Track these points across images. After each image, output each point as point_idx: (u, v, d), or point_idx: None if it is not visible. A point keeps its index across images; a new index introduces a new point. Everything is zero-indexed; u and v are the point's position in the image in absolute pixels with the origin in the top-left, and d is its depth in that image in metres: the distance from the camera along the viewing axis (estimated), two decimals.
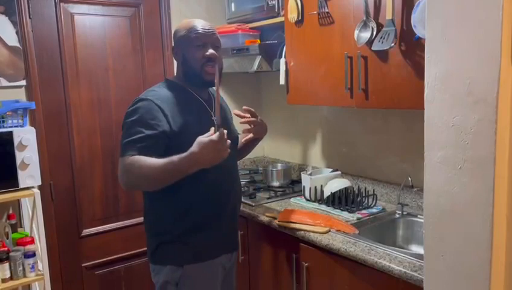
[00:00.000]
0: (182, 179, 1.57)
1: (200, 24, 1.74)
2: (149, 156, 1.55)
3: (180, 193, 1.66)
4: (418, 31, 1.65)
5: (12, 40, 2.24)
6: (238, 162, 2.00)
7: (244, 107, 1.87)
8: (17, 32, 2.25)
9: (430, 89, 1.18)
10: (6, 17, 2.22)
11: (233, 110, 1.92)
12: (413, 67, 1.74)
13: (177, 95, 1.72)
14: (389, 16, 1.76)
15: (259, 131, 1.91)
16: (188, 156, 1.50)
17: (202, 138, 1.51)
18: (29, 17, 2.29)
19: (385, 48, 1.77)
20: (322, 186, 2.30)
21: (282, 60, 2.34)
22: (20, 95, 2.29)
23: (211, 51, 1.71)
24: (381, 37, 1.78)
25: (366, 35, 1.86)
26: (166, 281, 1.71)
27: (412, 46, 1.73)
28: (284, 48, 2.34)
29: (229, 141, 1.55)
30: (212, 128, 1.55)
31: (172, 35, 1.78)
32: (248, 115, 1.86)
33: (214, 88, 1.69)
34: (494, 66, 1.03)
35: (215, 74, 1.68)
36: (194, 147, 1.50)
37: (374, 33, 1.83)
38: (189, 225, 1.69)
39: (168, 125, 1.61)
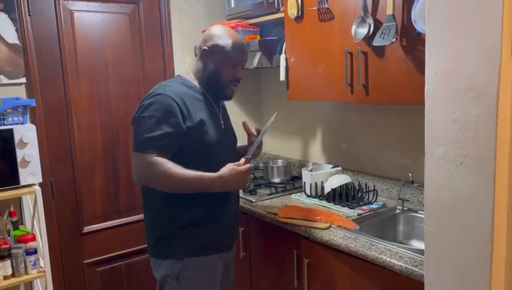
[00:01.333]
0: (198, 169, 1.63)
1: (241, 42, 1.78)
2: (167, 155, 1.60)
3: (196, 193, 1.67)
4: (419, 27, 1.65)
5: (12, 37, 2.24)
6: None
7: (255, 127, 1.96)
8: (16, 30, 2.24)
9: (430, 84, 1.18)
10: (6, 15, 2.21)
11: (241, 117, 2.00)
12: (413, 62, 1.73)
13: (192, 94, 1.73)
14: (389, 11, 1.75)
15: (256, 154, 1.94)
16: (218, 179, 1.61)
17: (233, 166, 1.63)
18: (29, 15, 2.29)
19: (386, 44, 1.77)
20: (322, 182, 2.30)
21: (282, 56, 2.33)
22: (20, 93, 2.29)
23: (241, 73, 1.78)
24: (382, 33, 1.78)
25: (363, 31, 1.86)
26: (166, 274, 1.73)
27: (412, 42, 1.73)
28: (284, 44, 2.34)
29: (251, 175, 1.71)
30: (243, 159, 1.69)
31: (206, 37, 1.78)
32: (255, 134, 1.94)
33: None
34: (494, 61, 1.03)
35: (235, 92, 1.81)
36: (225, 172, 1.61)
37: (371, 29, 1.83)
38: (191, 219, 1.70)
39: (183, 123, 1.64)
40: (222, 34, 1.76)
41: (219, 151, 1.75)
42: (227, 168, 1.62)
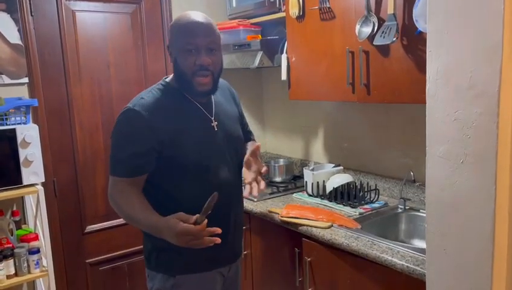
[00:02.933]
0: (180, 185, 1.52)
1: (194, 20, 1.51)
2: (139, 177, 1.50)
3: (177, 200, 1.53)
4: (420, 25, 1.65)
5: (14, 37, 2.24)
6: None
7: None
8: (19, 30, 2.25)
9: (431, 83, 1.18)
10: (8, 15, 2.22)
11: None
12: (414, 61, 1.73)
13: (170, 100, 1.55)
14: (390, 11, 1.75)
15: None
16: (159, 228, 1.39)
17: (174, 222, 1.35)
18: (31, 15, 2.29)
19: (387, 43, 1.77)
20: (324, 181, 2.30)
21: (284, 56, 2.33)
22: (23, 93, 2.30)
23: (203, 58, 1.49)
24: (382, 32, 1.78)
25: (367, 30, 1.85)
26: (158, 288, 1.61)
27: (413, 41, 1.73)
28: (286, 43, 2.34)
29: (207, 238, 1.35)
30: (195, 217, 1.35)
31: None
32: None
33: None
34: (495, 60, 1.03)
35: (208, 83, 1.53)
36: (164, 226, 1.37)
37: (375, 28, 1.83)
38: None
39: (157, 138, 1.48)
40: (175, 21, 1.55)
41: (209, 159, 1.55)
42: (168, 223, 1.36)
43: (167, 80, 1.63)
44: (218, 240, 1.37)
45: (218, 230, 1.38)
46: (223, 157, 1.61)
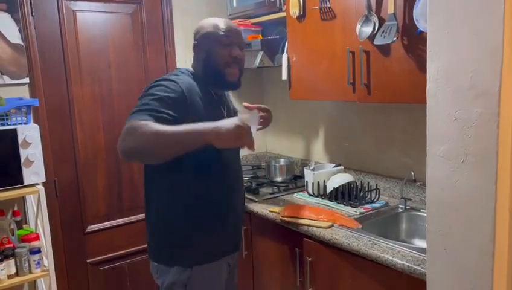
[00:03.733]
0: (189, 179, 1.56)
1: (228, 23, 1.69)
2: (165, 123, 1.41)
3: (189, 192, 1.61)
4: (420, 25, 1.65)
5: (15, 37, 2.25)
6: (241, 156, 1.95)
7: (244, 104, 1.80)
8: (19, 30, 2.25)
9: (432, 83, 1.18)
10: (9, 15, 2.22)
11: (239, 105, 1.88)
12: (415, 61, 1.73)
13: (199, 87, 1.63)
14: (391, 10, 1.75)
15: (268, 118, 1.85)
16: (214, 128, 1.34)
17: (238, 121, 1.36)
18: (32, 15, 2.29)
19: (387, 43, 1.77)
20: (324, 181, 2.30)
21: (284, 56, 2.34)
22: (24, 93, 2.30)
23: (237, 51, 1.67)
24: (383, 32, 1.78)
25: (368, 29, 1.85)
26: (173, 282, 1.65)
27: (414, 40, 1.73)
28: (286, 43, 2.34)
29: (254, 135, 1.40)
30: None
31: (194, 32, 1.73)
32: (254, 106, 1.79)
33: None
34: (496, 59, 1.03)
35: (236, 75, 1.67)
36: (225, 122, 1.35)
37: (376, 28, 1.83)
38: (198, 226, 1.64)
39: (186, 116, 1.46)
40: (204, 24, 1.71)
41: (220, 152, 1.55)
42: (224, 120, 1.38)
43: (183, 69, 1.70)
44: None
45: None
46: (230, 150, 1.69)
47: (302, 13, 2.19)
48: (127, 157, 1.42)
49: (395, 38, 1.75)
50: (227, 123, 1.35)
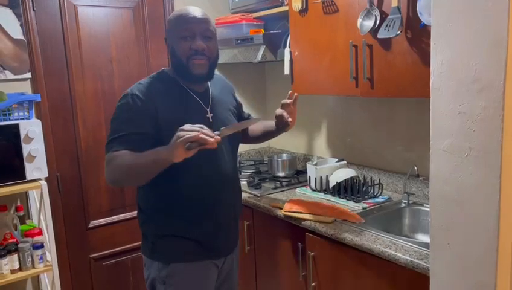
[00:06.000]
0: (175, 175, 1.52)
1: (190, 12, 1.59)
2: (134, 149, 1.47)
3: (174, 190, 1.58)
4: (424, 18, 1.63)
5: (17, 32, 2.24)
6: (241, 155, 1.93)
7: (295, 94, 1.84)
8: (21, 25, 2.25)
9: (436, 77, 1.17)
10: (10, 10, 2.22)
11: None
12: (418, 55, 1.72)
13: (168, 88, 1.59)
14: (394, 4, 1.74)
15: (292, 124, 1.81)
16: (165, 150, 1.40)
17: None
18: (33, 10, 2.29)
19: (391, 36, 1.76)
20: (327, 176, 2.30)
21: (287, 50, 2.32)
22: (26, 88, 2.30)
23: (198, 42, 1.56)
24: (387, 25, 1.77)
25: (369, 23, 1.84)
26: (154, 277, 1.64)
27: (417, 34, 1.72)
28: (288, 37, 2.33)
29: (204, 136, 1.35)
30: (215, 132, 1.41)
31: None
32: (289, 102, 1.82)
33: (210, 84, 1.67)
34: (500, 53, 1.02)
35: (204, 66, 1.58)
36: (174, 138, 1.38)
37: (377, 21, 1.82)
38: (181, 222, 1.60)
39: (153, 121, 1.51)
40: (172, 14, 1.65)
41: (203, 150, 1.42)
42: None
43: (165, 69, 1.69)
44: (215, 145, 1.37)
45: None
46: (218, 149, 1.53)
47: (304, 7, 2.17)
48: (114, 186, 1.61)
49: (398, 32, 1.73)
50: (172, 140, 1.37)
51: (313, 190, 2.34)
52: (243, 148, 2.99)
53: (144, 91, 1.56)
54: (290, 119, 1.78)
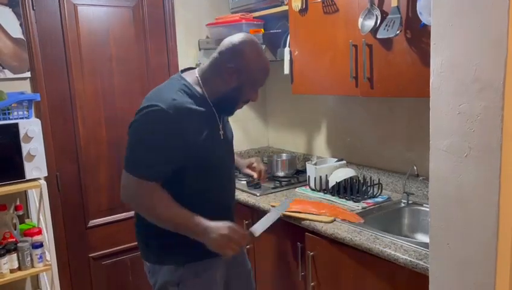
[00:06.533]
0: (183, 178, 1.54)
1: (267, 65, 1.61)
2: (160, 182, 1.49)
3: (188, 194, 1.58)
4: (424, 18, 1.63)
5: (16, 31, 2.24)
6: (241, 154, 1.99)
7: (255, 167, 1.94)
8: (20, 24, 2.25)
9: (435, 77, 1.17)
10: (10, 9, 2.21)
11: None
12: (418, 54, 1.72)
13: (197, 106, 1.55)
14: (394, 3, 1.74)
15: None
16: (203, 231, 1.46)
17: (230, 227, 1.48)
18: (33, 9, 2.29)
19: (391, 36, 1.76)
20: (327, 176, 2.30)
21: (287, 50, 2.32)
22: (25, 87, 2.30)
23: (257, 96, 1.66)
24: (386, 25, 1.77)
25: (370, 23, 1.84)
26: (166, 281, 1.63)
27: (417, 34, 1.72)
28: (288, 37, 2.33)
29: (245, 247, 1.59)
30: (249, 231, 1.58)
31: (232, 50, 1.57)
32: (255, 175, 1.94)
33: None
34: (500, 52, 1.02)
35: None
36: (214, 229, 1.46)
37: (378, 21, 1.82)
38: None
39: (186, 142, 1.49)
40: (255, 53, 1.57)
41: (223, 164, 1.66)
42: (221, 225, 1.47)
43: (188, 81, 1.60)
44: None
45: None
46: (228, 160, 1.73)
47: (304, 7, 2.17)
48: (126, 203, 1.58)
49: (398, 32, 1.73)
50: (217, 230, 1.46)
51: (313, 190, 2.34)
52: (242, 148, 3.00)
53: (178, 109, 1.48)
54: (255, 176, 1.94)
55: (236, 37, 1.59)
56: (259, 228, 1.60)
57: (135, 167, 1.49)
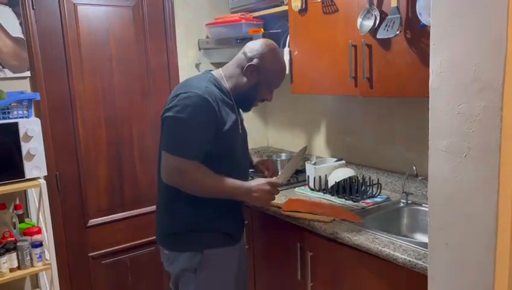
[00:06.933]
0: (219, 170, 1.68)
1: (285, 69, 1.83)
2: (200, 160, 1.63)
3: None
4: (423, 19, 1.64)
5: (16, 31, 2.24)
6: None
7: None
8: (20, 24, 2.25)
9: (435, 77, 1.17)
10: (10, 8, 2.21)
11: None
12: (418, 55, 1.72)
13: (222, 96, 1.72)
14: (394, 4, 1.74)
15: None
16: (246, 191, 1.69)
17: (268, 183, 1.72)
18: (33, 8, 2.29)
19: (390, 36, 1.76)
20: (326, 175, 2.30)
21: (286, 49, 2.32)
22: (25, 86, 2.30)
23: (272, 96, 1.84)
24: (386, 25, 1.77)
25: (369, 23, 1.84)
26: (183, 268, 1.74)
27: (417, 34, 1.72)
28: (288, 37, 2.33)
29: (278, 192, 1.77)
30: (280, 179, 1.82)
31: (258, 50, 1.77)
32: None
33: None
34: (499, 53, 1.02)
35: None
36: (255, 188, 1.69)
37: (377, 21, 1.82)
38: (211, 215, 1.73)
39: (217, 127, 1.65)
40: (274, 56, 1.78)
41: (242, 155, 1.83)
42: (255, 181, 1.73)
43: (216, 77, 1.78)
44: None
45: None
46: (244, 154, 1.89)
47: (304, 7, 2.17)
48: (171, 184, 1.66)
49: (398, 32, 1.74)
50: (259, 189, 1.70)
51: (312, 190, 2.34)
52: None
53: (212, 96, 1.65)
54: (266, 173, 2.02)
55: (260, 41, 1.80)
56: (286, 175, 1.88)
57: (178, 148, 1.60)
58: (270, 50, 1.77)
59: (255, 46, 1.77)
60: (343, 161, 2.43)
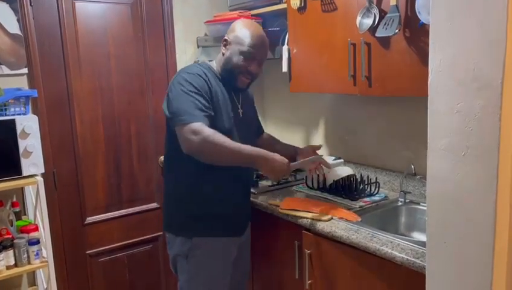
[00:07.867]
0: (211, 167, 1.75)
1: (257, 38, 1.82)
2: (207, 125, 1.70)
3: (214, 173, 1.79)
4: (423, 17, 1.63)
5: (14, 27, 2.23)
6: None
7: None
8: (18, 20, 2.24)
9: (434, 76, 1.17)
10: (7, 5, 2.20)
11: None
12: (417, 53, 1.72)
13: (214, 80, 1.83)
14: (393, 2, 1.74)
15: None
16: (265, 160, 1.74)
17: (288, 165, 1.79)
18: (30, 5, 2.27)
19: (389, 35, 1.76)
20: (324, 174, 2.30)
21: (285, 47, 2.32)
22: (22, 83, 2.29)
23: (254, 68, 1.84)
24: (385, 24, 1.77)
25: (368, 21, 1.84)
26: (176, 253, 1.85)
27: (416, 33, 1.72)
28: (287, 35, 2.32)
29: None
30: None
31: (230, 27, 1.90)
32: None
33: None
34: (499, 52, 1.02)
35: (246, 84, 1.88)
36: (277, 161, 1.76)
37: (376, 20, 1.82)
38: (204, 201, 1.82)
39: (210, 96, 1.76)
40: (243, 27, 1.85)
41: (242, 139, 1.83)
42: (275, 155, 1.77)
43: (209, 64, 1.92)
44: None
45: None
46: (245, 137, 1.88)
47: (303, 4, 2.17)
48: (192, 155, 1.69)
49: (397, 31, 1.73)
50: (276, 163, 1.75)
51: (310, 188, 2.34)
52: None
53: (202, 74, 1.78)
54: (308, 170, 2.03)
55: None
56: (296, 165, 1.90)
57: (191, 116, 1.67)
58: (238, 22, 1.90)
59: (232, 24, 1.90)
60: (342, 160, 2.43)
